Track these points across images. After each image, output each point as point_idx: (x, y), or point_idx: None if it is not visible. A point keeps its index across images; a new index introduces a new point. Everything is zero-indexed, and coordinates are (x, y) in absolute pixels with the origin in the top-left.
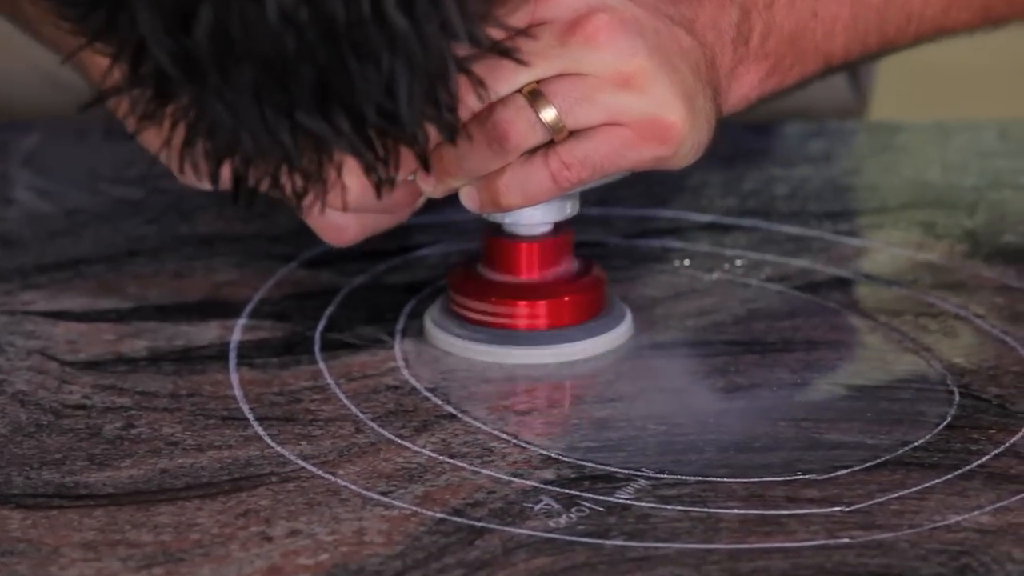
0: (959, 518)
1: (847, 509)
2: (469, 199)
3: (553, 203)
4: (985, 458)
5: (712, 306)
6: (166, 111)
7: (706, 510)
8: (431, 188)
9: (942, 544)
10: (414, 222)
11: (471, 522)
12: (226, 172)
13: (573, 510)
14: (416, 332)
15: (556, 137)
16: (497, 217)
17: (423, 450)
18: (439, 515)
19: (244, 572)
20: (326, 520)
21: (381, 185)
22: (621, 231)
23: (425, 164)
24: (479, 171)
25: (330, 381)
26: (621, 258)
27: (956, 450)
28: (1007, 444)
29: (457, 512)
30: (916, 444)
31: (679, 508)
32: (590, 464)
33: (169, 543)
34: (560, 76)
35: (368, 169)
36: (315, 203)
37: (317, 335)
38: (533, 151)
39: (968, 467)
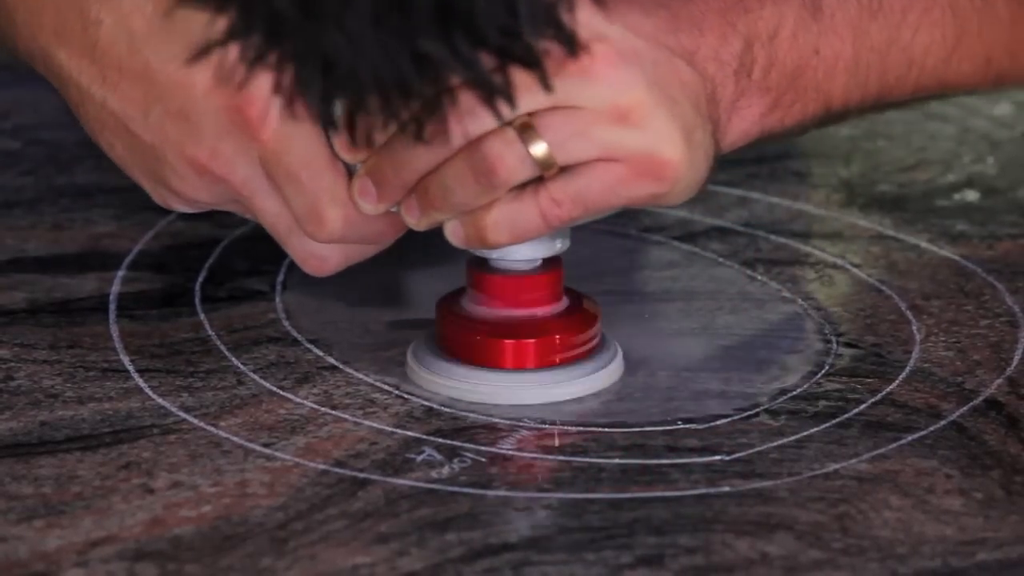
0: (837, 466)
1: (727, 458)
2: (454, 234)
3: (543, 239)
4: (862, 406)
5: (591, 257)
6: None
7: (587, 460)
8: (415, 221)
9: (820, 492)
10: None
11: (354, 473)
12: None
13: (455, 461)
14: (296, 283)
15: (546, 173)
16: (484, 252)
17: (305, 402)
18: (322, 466)
19: (126, 524)
20: (208, 472)
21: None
22: None
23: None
24: (465, 206)
25: (211, 333)
26: None
27: (834, 399)
28: (884, 392)
29: (340, 463)
30: (795, 393)
31: (561, 458)
32: (472, 415)
33: (50, 495)
34: (553, 109)
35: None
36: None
37: (197, 287)
38: (523, 187)
39: (846, 415)
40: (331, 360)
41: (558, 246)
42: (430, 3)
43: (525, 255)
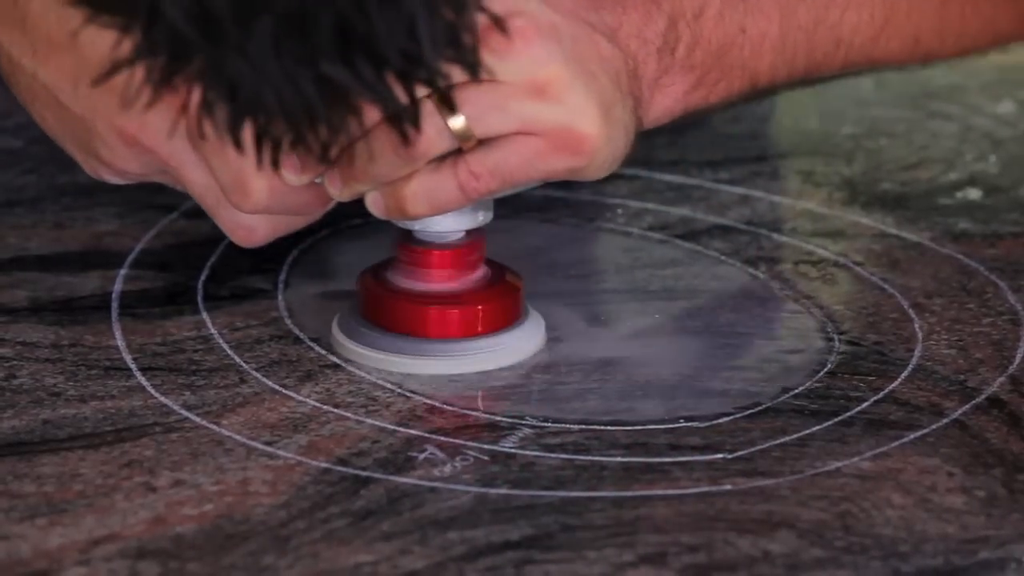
0: (839, 464)
1: (729, 456)
2: (375, 205)
3: (465, 210)
4: (865, 404)
5: (593, 255)
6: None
7: (590, 458)
8: (337, 191)
9: (823, 490)
10: None
11: (356, 471)
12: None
13: (457, 459)
14: (299, 281)
15: (465, 145)
16: (407, 223)
17: (307, 400)
18: (324, 465)
19: (128, 522)
20: (210, 470)
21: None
22: None
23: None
24: (385, 177)
25: (213, 331)
26: (502, 207)
27: (836, 397)
28: (886, 390)
29: (342, 462)
30: (797, 391)
31: (563, 456)
32: (474, 413)
33: (52, 494)
34: (471, 82)
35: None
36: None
37: (199, 285)
38: (442, 159)
39: (848, 414)
40: (333, 358)
41: (480, 218)
42: (330, 28)
43: (447, 226)
